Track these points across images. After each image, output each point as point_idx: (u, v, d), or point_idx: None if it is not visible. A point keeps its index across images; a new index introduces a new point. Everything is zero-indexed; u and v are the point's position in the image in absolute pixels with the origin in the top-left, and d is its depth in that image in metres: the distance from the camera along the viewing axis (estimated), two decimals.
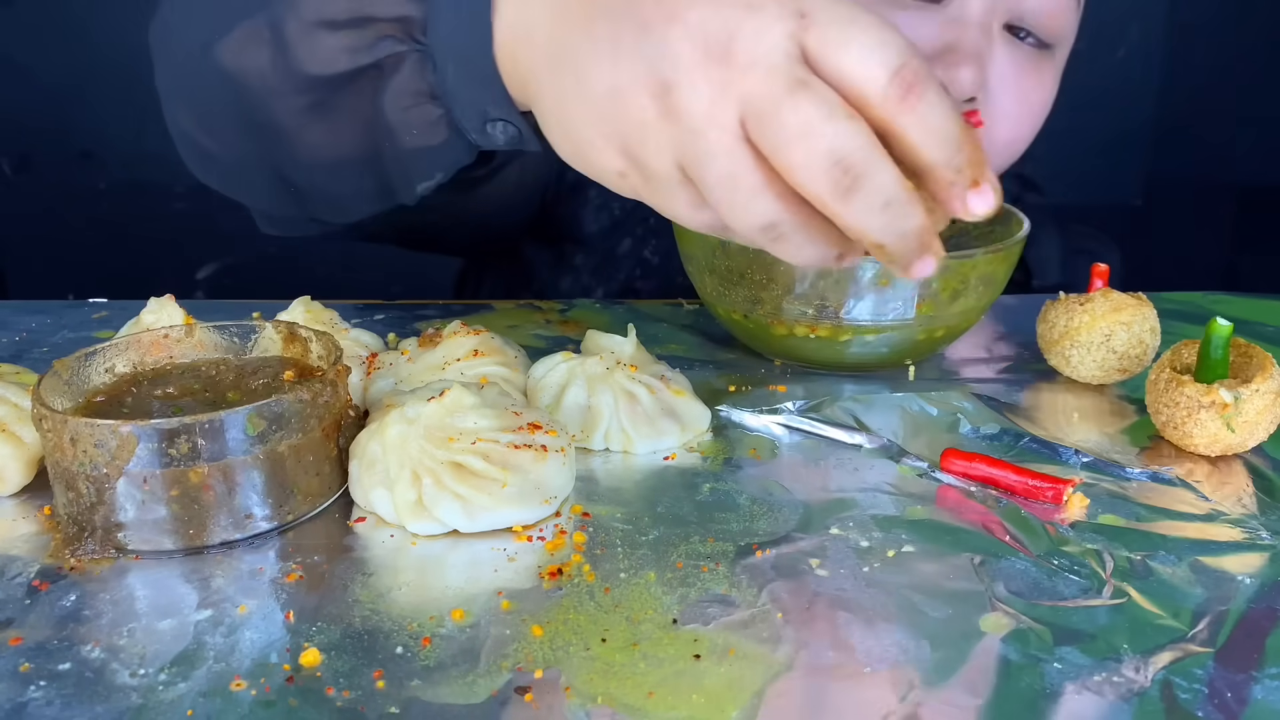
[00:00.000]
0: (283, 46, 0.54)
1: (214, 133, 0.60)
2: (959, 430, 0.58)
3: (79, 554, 0.46)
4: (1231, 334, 0.54)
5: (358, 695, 0.38)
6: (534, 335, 0.71)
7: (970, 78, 0.72)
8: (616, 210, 0.88)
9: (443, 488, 0.47)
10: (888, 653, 0.40)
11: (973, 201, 0.40)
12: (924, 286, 0.59)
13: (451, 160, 0.55)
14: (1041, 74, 0.77)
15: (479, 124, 0.52)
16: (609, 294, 0.88)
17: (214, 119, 0.60)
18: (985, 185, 0.40)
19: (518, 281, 0.94)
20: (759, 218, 0.41)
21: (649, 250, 0.89)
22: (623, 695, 0.38)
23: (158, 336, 0.53)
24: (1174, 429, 0.55)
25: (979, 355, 0.68)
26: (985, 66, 0.74)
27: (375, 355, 0.61)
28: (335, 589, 0.44)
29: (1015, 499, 0.51)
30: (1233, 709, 0.38)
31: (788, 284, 0.60)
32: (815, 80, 0.39)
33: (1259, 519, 0.50)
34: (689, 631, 0.41)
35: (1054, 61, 0.78)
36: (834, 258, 0.43)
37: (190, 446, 0.44)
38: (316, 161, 0.57)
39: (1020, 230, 0.63)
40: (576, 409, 0.56)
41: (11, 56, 1.53)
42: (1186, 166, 1.74)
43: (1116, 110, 1.72)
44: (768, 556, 0.46)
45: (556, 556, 0.46)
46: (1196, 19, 1.69)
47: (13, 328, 0.71)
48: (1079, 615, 0.43)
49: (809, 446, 0.57)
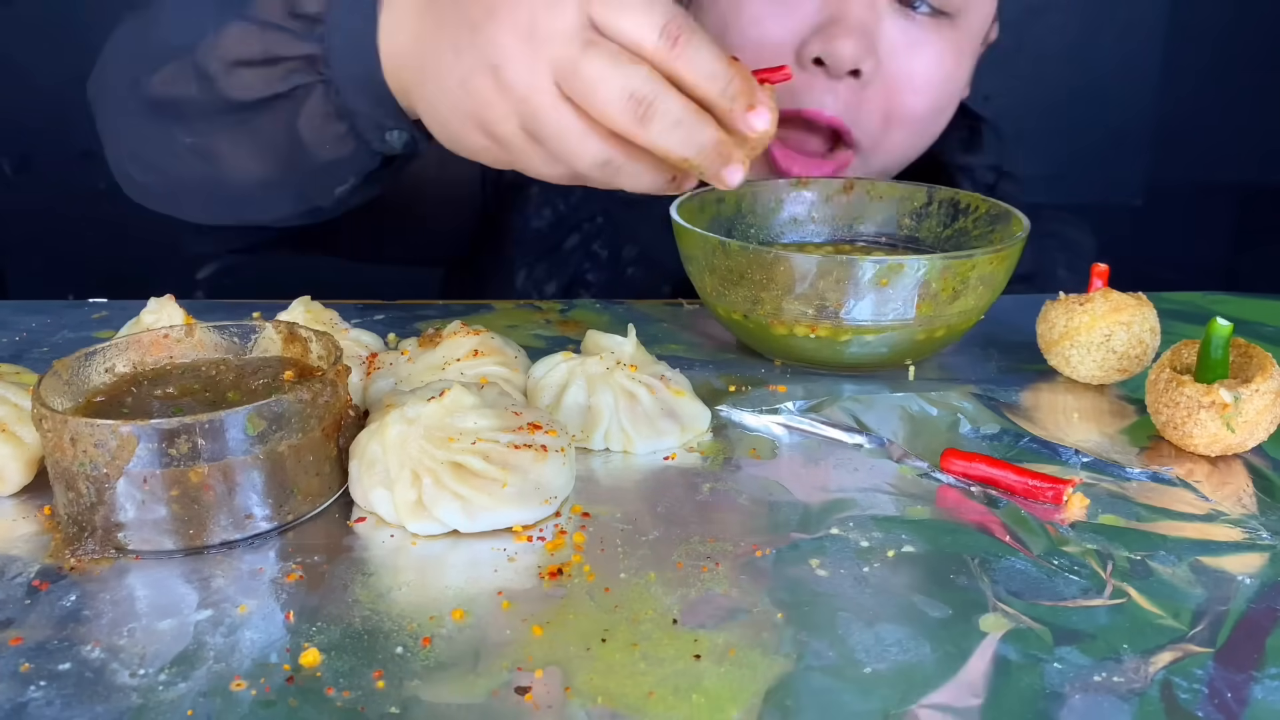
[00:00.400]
0: (207, 80, 0.63)
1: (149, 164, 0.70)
2: (959, 430, 0.58)
3: (79, 554, 0.46)
4: (1231, 334, 0.54)
5: (358, 695, 0.38)
6: (534, 335, 0.71)
7: (852, 50, 0.74)
8: (561, 206, 0.90)
9: (443, 488, 0.47)
10: (888, 653, 0.40)
11: (751, 119, 0.51)
12: (924, 287, 0.59)
13: (360, 166, 0.64)
14: (941, 44, 0.78)
15: (378, 134, 0.62)
16: (560, 291, 0.90)
17: (148, 148, 0.69)
18: (760, 108, 0.51)
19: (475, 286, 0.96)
20: (593, 156, 0.52)
21: (598, 245, 0.90)
22: (623, 695, 0.38)
23: (158, 336, 0.53)
24: (1174, 429, 0.55)
25: (979, 355, 0.68)
26: (873, 38, 0.75)
27: (375, 355, 0.61)
28: (335, 589, 0.44)
29: (1015, 499, 0.51)
30: (1233, 709, 0.38)
31: (788, 284, 0.60)
32: (602, 39, 0.50)
33: (1259, 519, 0.50)
34: (689, 631, 0.41)
35: (958, 30, 0.78)
36: (668, 182, 0.54)
37: (190, 446, 0.44)
38: (242, 176, 0.66)
39: (1020, 230, 0.63)
40: (576, 409, 0.56)
41: (11, 56, 1.53)
42: (1186, 166, 1.74)
43: (1116, 110, 1.72)
44: (768, 556, 0.46)
45: (556, 556, 0.46)
46: (1196, 19, 1.69)
47: (13, 328, 0.71)
48: (1079, 615, 0.43)
49: (809, 446, 0.57)
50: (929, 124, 0.82)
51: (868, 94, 0.77)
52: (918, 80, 0.78)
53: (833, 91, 0.77)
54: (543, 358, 0.59)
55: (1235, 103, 1.70)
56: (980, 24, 0.81)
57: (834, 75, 0.76)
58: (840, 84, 0.76)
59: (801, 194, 0.75)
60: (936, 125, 0.83)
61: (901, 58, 0.77)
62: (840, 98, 0.77)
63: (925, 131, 0.83)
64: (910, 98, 0.78)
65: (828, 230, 0.75)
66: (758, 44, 0.77)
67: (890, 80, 0.77)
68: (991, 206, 0.69)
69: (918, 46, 0.77)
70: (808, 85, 0.77)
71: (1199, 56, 1.70)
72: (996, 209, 0.68)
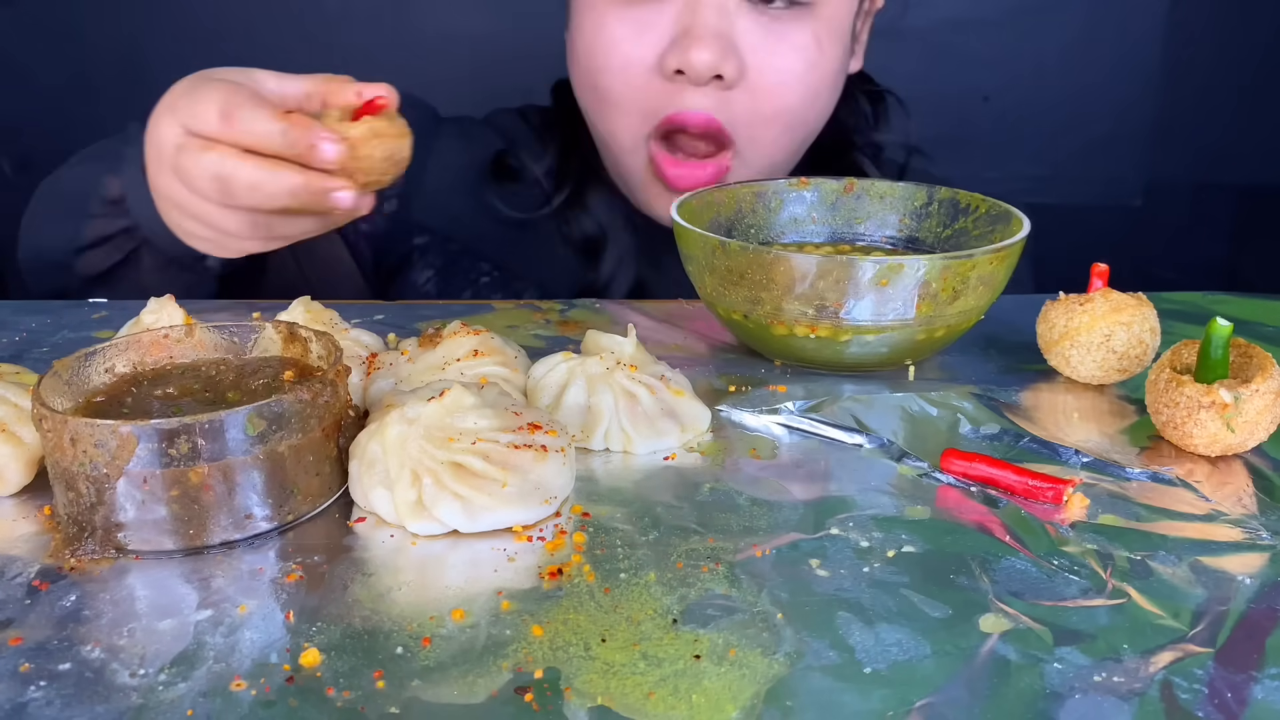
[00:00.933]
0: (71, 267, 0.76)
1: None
2: (959, 430, 0.58)
3: (79, 554, 0.46)
4: (1231, 334, 0.54)
5: (358, 695, 0.38)
6: (534, 335, 0.71)
7: (709, 58, 0.75)
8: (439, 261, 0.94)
9: (443, 488, 0.47)
10: (888, 653, 0.40)
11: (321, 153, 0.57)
12: (924, 287, 0.59)
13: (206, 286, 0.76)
14: (801, 35, 0.78)
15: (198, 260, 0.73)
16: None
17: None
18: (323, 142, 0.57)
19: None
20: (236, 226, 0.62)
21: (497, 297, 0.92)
22: (623, 695, 0.38)
23: (158, 336, 0.53)
24: (1174, 429, 0.55)
25: (979, 355, 0.68)
26: (729, 42, 0.76)
27: (375, 355, 0.61)
28: (335, 589, 0.44)
29: (1015, 499, 0.51)
30: (1233, 709, 0.38)
31: (788, 284, 0.60)
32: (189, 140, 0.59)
33: (1259, 519, 0.50)
34: (689, 632, 0.41)
35: (818, 18, 0.79)
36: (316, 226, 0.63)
37: (190, 446, 0.44)
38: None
39: (1020, 230, 0.63)
40: (576, 409, 0.56)
41: (11, 56, 1.53)
42: (1186, 166, 1.74)
43: (1116, 110, 1.72)
44: (768, 556, 0.46)
45: (556, 556, 0.46)
46: (1196, 19, 1.69)
47: (13, 328, 0.71)
48: (1079, 615, 0.43)
49: (809, 446, 0.57)
50: (804, 115, 0.83)
51: (736, 95, 0.79)
52: (784, 75, 0.79)
53: (702, 96, 0.78)
54: (543, 358, 0.59)
55: (1235, 103, 1.70)
56: (841, 11, 0.81)
57: (697, 84, 0.77)
58: (707, 90, 0.78)
59: (801, 194, 0.75)
60: (813, 115, 0.84)
61: (763, 55, 0.78)
62: (711, 99, 0.79)
63: (802, 125, 0.84)
64: (779, 93, 0.79)
65: (828, 230, 0.75)
66: (623, 65, 0.79)
67: (756, 78, 0.78)
68: (991, 206, 0.69)
69: (778, 42, 0.78)
70: (678, 95, 0.79)
71: (1199, 56, 1.70)
72: (996, 209, 0.68)
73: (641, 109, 0.81)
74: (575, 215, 0.93)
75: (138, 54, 1.49)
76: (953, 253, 0.60)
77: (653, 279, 0.92)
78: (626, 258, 0.92)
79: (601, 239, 0.93)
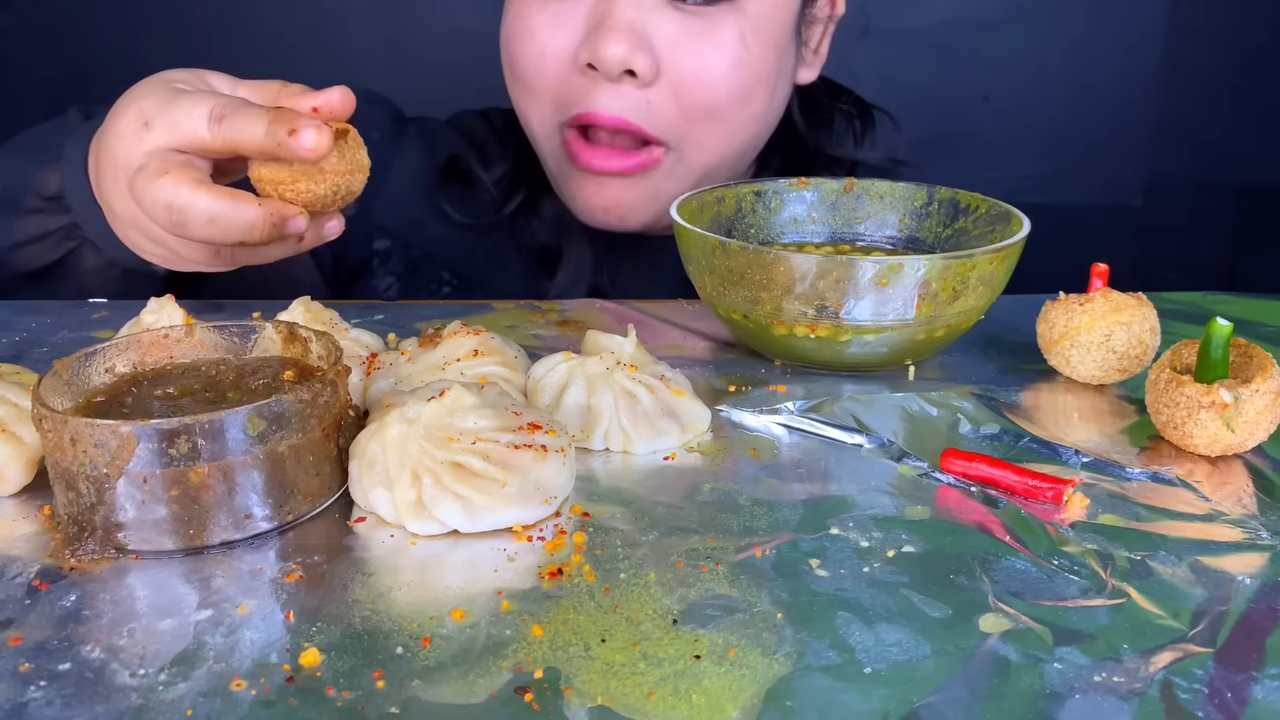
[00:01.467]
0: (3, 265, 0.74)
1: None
2: (959, 430, 0.58)
3: (79, 554, 0.46)
4: (1231, 334, 0.54)
5: (358, 695, 0.38)
6: (534, 335, 0.71)
7: (621, 52, 0.74)
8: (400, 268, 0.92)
9: (443, 488, 0.47)
10: (888, 653, 0.40)
11: (301, 144, 0.53)
12: (924, 287, 0.59)
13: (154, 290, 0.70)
14: (723, 32, 0.77)
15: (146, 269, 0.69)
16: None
17: None
18: (301, 130, 0.53)
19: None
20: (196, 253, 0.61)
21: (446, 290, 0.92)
22: (623, 695, 0.38)
23: (158, 336, 0.53)
24: (1174, 429, 0.55)
25: (979, 355, 0.68)
26: (642, 37, 0.75)
27: (375, 355, 0.61)
28: (335, 589, 0.44)
29: (1015, 499, 0.51)
30: (1233, 709, 0.38)
31: (788, 284, 0.60)
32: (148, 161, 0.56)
33: (1259, 519, 0.50)
34: (689, 632, 0.41)
35: (742, 15, 0.77)
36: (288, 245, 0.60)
37: (190, 446, 0.44)
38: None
39: (1020, 230, 0.63)
40: (576, 409, 0.56)
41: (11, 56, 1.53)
42: (1186, 166, 1.74)
43: (1116, 110, 1.72)
44: (768, 556, 0.46)
45: (556, 556, 0.46)
46: (1196, 19, 1.69)
47: (13, 328, 0.71)
48: (1079, 615, 0.43)
49: (809, 446, 0.57)
50: (737, 114, 0.80)
51: (655, 92, 0.77)
52: (704, 73, 0.77)
53: (618, 93, 0.77)
54: (543, 358, 0.59)
55: (1235, 103, 1.70)
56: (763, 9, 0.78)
57: (609, 79, 0.76)
58: (622, 86, 0.76)
59: (801, 194, 0.75)
60: (749, 114, 0.81)
61: (681, 52, 0.76)
62: (626, 98, 0.77)
63: (740, 122, 0.81)
64: (700, 90, 0.77)
65: (828, 230, 0.75)
66: (538, 56, 0.78)
67: (675, 75, 0.76)
68: (992, 206, 0.69)
69: (696, 38, 0.76)
70: (591, 90, 0.77)
71: (1199, 56, 1.70)
72: (997, 209, 0.68)
73: (555, 99, 0.79)
74: (528, 223, 0.91)
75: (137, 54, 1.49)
76: (953, 253, 0.60)
77: (612, 293, 0.89)
78: (584, 268, 0.90)
79: (556, 249, 0.90)
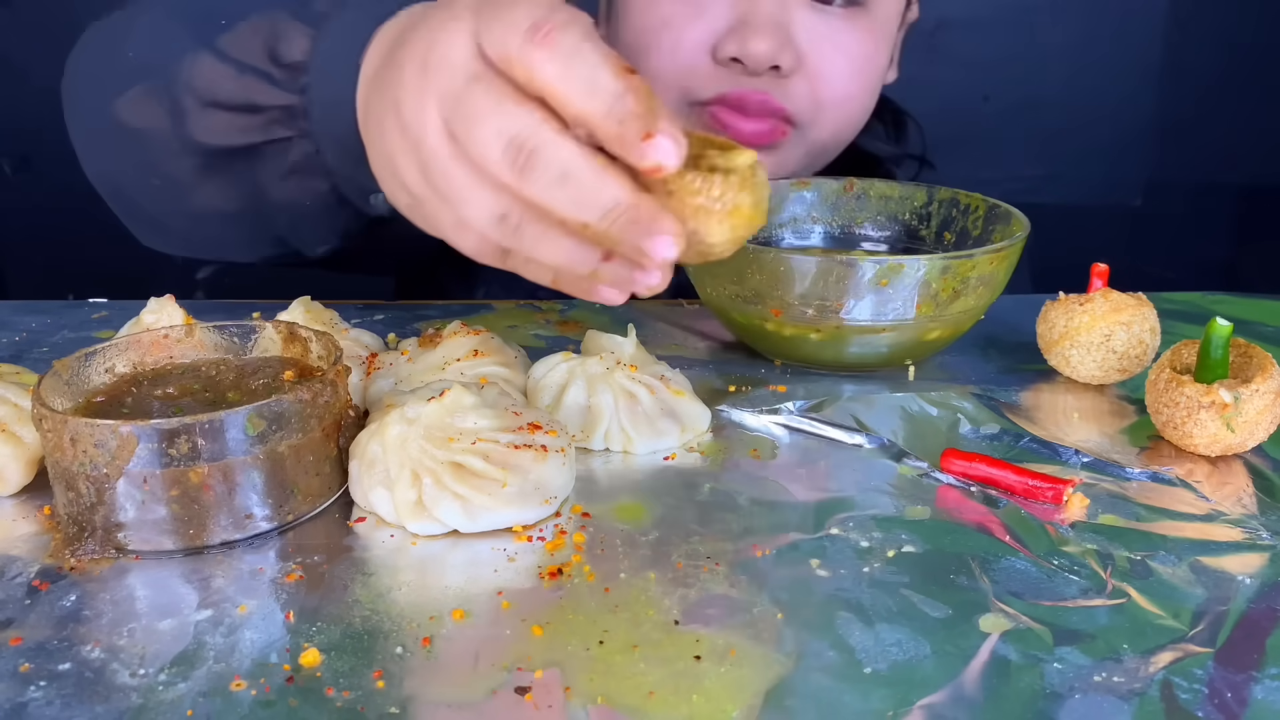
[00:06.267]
0: (179, 114, 0.58)
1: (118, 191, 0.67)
2: (959, 430, 0.58)
3: (79, 554, 0.46)
4: (1231, 334, 0.54)
5: (358, 695, 0.38)
6: (534, 335, 0.71)
7: (766, 48, 0.74)
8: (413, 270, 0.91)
9: (443, 488, 0.47)
10: (888, 653, 0.40)
11: (648, 151, 0.39)
12: (924, 287, 0.59)
13: (344, 227, 0.61)
14: (857, 32, 0.79)
15: (362, 196, 0.57)
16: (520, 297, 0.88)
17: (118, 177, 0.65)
18: (660, 136, 0.38)
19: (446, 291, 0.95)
20: (484, 210, 0.42)
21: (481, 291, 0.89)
22: (623, 695, 0.38)
23: (158, 336, 0.53)
24: (1174, 429, 0.55)
25: (979, 355, 0.68)
26: (788, 34, 0.76)
27: (375, 355, 0.61)
28: (335, 589, 0.44)
29: (1015, 499, 0.51)
30: (1233, 709, 0.38)
31: (788, 284, 0.60)
32: (489, 73, 0.41)
33: (1259, 519, 0.50)
34: (689, 631, 0.41)
35: (873, 19, 0.80)
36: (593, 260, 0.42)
37: (190, 446, 0.44)
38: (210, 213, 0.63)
39: (1020, 230, 0.63)
40: (576, 409, 0.56)
41: (11, 56, 1.53)
42: (1186, 166, 1.74)
43: (1116, 110, 1.72)
44: (768, 556, 0.46)
45: (556, 556, 0.46)
46: (1196, 19, 1.69)
47: (13, 328, 0.71)
48: (1079, 615, 0.43)
49: (809, 446, 0.57)
50: (858, 104, 0.84)
51: (792, 83, 0.78)
52: (839, 69, 0.79)
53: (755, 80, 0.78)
54: (543, 358, 0.59)
55: (1235, 103, 1.70)
56: (894, 8, 0.82)
57: (754, 74, 0.77)
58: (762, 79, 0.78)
59: (801, 194, 0.75)
60: (865, 105, 0.85)
61: (820, 50, 0.78)
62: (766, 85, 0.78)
63: (857, 109, 0.84)
64: (834, 85, 0.80)
65: (828, 230, 0.75)
66: (673, 47, 0.78)
67: (812, 71, 0.78)
68: (991, 206, 0.69)
69: (834, 37, 0.78)
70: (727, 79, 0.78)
71: (1199, 56, 1.70)
72: (997, 209, 0.68)
73: (682, 88, 0.80)
74: None
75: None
76: (953, 253, 0.60)
77: None
78: None
79: None
